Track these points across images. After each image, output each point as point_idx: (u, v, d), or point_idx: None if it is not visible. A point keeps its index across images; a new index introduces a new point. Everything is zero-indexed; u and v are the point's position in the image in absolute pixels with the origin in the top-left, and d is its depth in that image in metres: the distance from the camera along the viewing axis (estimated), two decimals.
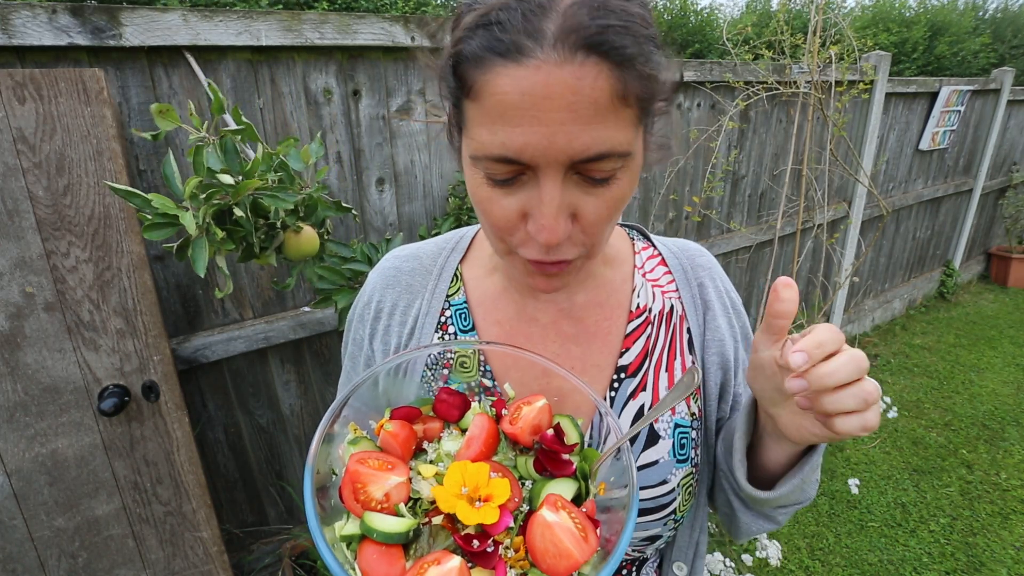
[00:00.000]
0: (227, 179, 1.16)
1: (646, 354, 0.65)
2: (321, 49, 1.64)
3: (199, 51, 1.48)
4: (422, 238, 1.62)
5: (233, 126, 1.24)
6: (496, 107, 0.43)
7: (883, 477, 2.79)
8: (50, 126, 1.19)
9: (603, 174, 0.46)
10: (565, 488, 0.48)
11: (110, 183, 1.09)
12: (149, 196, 1.08)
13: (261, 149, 1.26)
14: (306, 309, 1.84)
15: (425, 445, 0.51)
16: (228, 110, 1.53)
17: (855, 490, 2.58)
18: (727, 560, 1.84)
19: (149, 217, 1.10)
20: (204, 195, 1.13)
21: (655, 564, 0.71)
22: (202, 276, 1.15)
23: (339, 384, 0.77)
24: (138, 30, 1.37)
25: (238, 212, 1.18)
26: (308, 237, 1.38)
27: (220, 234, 1.15)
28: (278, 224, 1.33)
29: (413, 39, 1.74)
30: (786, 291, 0.46)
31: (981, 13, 5.53)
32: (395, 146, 1.86)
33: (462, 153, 0.52)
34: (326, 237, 1.50)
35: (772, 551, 2.00)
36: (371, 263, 1.53)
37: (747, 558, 2.08)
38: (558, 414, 0.54)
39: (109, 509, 1.41)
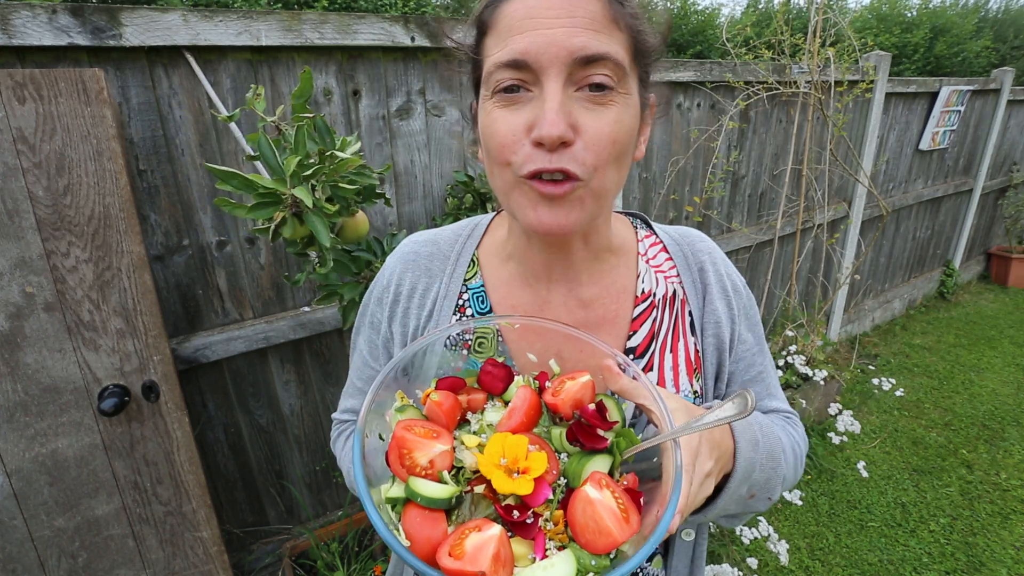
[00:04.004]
0: (340, 154, 1.21)
1: (652, 336, 0.69)
2: (321, 49, 1.64)
3: (199, 51, 1.48)
4: None
5: (229, 120, 1.24)
6: (506, 26, 0.53)
7: (883, 477, 2.79)
8: (50, 126, 1.19)
9: (601, 78, 0.51)
10: (602, 463, 0.48)
11: (210, 165, 1.13)
12: (251, 176, 1.12)
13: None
14: (306, 309, 1.84)
15: (469, 416, 0.53)
16: (229, 108, 1.53)
17: (864, 473, 2.57)
18: (736, 571, 1.86)
19: (232, 200, 1.14)
20: (306, 173, 1.17)
21: None
22: (327, 245, 1.20)
23: (352, 364, 0.80)
24: (138, 30, 1.37)
25: (344, 185, 1.24)
26: (362, 219, 1.47)
27: (332, 208, 1.18)
28: (350, 205, 1.38)
29: (413, 39, 1.74)
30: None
31: (983, 13, 5.52)
32: (395, 146, 1.86)
33: (478, 119, 0.59)
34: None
35: (781, 548, 2.01)
36: (376, 255, 1.54)
37: (752, 561, 2.08)
38: (602, 394, 0.55)
39: (109, 509, 1.41)
